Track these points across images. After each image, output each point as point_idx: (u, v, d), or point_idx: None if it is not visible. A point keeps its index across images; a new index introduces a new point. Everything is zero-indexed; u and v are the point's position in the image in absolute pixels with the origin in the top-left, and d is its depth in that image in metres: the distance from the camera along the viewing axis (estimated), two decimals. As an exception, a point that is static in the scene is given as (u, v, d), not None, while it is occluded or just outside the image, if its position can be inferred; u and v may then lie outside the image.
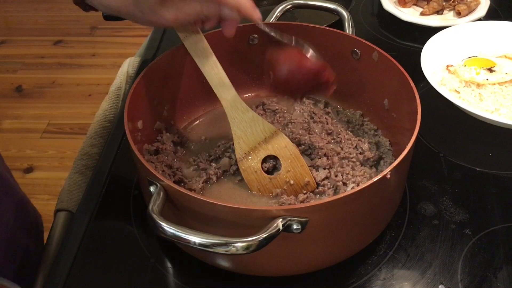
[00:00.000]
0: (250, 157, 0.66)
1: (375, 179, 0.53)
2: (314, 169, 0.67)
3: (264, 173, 0.66)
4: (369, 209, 0.57)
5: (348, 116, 0.77)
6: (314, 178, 0.66)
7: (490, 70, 0.84)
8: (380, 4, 1.05)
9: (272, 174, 0.67)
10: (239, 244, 0.48)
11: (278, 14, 0.84)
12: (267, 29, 0.64)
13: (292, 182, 0.65)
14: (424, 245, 0.64)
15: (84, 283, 0.62)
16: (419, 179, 0.72)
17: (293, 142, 0.70)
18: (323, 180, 0.66)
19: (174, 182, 0.65)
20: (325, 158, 0.67)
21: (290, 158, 0.66)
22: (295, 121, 0.75)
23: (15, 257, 0.70)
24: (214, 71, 0.68)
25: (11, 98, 2.20)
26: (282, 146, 0.66)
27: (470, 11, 1.02)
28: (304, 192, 0.65)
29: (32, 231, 0.76)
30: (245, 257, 0.49)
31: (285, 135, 0.71)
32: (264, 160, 0.67)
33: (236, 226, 0.52)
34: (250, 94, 0.82)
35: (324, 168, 0.66)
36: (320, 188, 0.65)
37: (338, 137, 0.72)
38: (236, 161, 0.67)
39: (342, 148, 0.70)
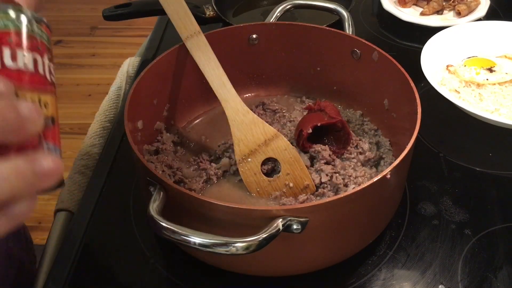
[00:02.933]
0: (249, 159, 0.66)
1: (375, 179, 0.53)
2: (314, 172, 0.67)
3: (263, 175, 0.66)
4: (369, 209, 0.57)
5: (348, 116, 0.77)
6: (314, 181, 0.66)
7: (490, 70, 0.84)
8: (380, 4, 1.05)
9: (270, 176, 0.67)
10: (239, 244, 0.48)
11: (278, 14, 0.84)
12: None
13: (291, 185, 0.65)
14: (424, 245, 0.64)
15: (84, 283, 0.62)
16: (419, 179, 0.72)
17: (292, 141, 0.70)
18: (323, 183, 0.66)
19: (174, 182, 0.65)
20: (328, 166, 0.67)
21: (289, 161, 0.66)
22: (294, 120, 0.76)
23: (11, 270, 0.69)
24: (215, 72, 0.68)
25: (11, 98, 2.20)
26: (282, 149, 0.66)
27: (470, 11, 1.02)
28: (304, 194, 0.65)
29: (23, 242, 0.75)
30: (245, 257, 0.49)
31: (285, 134, 0.71)
32: (263, 162, 0.66)
33: (236, 226, 0.52)
34: (250, 94, 0.82)
35: (327, 175, 0.66)
36: (320, 190, 0.65)
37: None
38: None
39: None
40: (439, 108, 0.80)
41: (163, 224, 0.49)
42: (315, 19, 0.92)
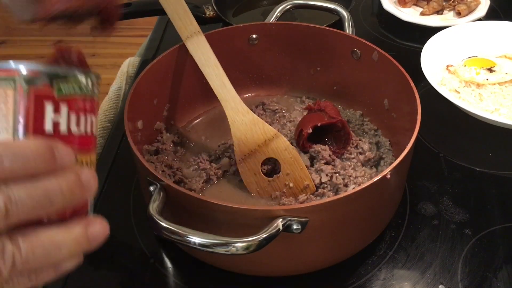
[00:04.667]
0: (249, 159, 0.66)
1: (375, 179, 0.53)
2: (314, 172, 0.67)
3: (263, 175, 0.66)
4: (369, 209, 0.57)
5: (348, 116, 0.77)
6: (314, 181, 0.66)
7: (490, 70, 0.84)
8: (380, 4, 1.05)
9: (270, 176, 0.67)
10: (239, 244, 0.48)
11: (278, 14, 0.84)
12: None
13: (291, 185, 0.65)
14: (424, 245, 0.64)
15: (84, 283, 0.62)
16: (419, 179, 0.72)
17: (292, 141, 0.70)
18: (323, 183, 0.66)
19: (174, 182, 0.65)
20: (328, 166, 0.67)
21: (289, 161, 0.66)
22: (294, 120, 0.76)
23: None
24: (215, 72, 0.68)
25: (11, 98, 2.20)
26: (282, 149, 0.66)
27: (470, 11, 1.02)
28: (304, 194, 0.65)
29: None
30: (245, 257, 0.49)
31: (285, 134, 0.71)
32: (263, 162, 0.66)
33: (236, 226, 0.52)
34: (250, 94, 0.82)
35: (327, 175, 0.66)
36: (320, 190, 0.65)
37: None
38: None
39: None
40: (439, 108, 0.80)
41: (163, 224, 0.49)
42: (315, 19, 0.92)
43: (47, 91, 0.34)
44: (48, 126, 0.34)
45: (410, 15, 1.03)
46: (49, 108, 0.34)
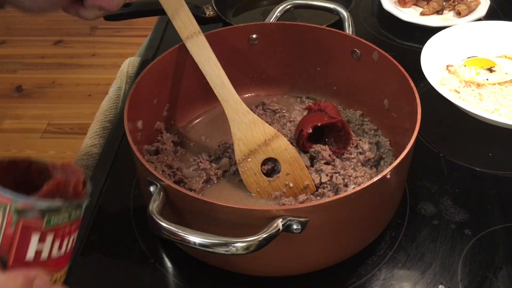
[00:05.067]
0: (249, 159, 0.66)
1: (375, 179, 0.53)
2: (314, 172, 0.67)
3: (263, 175, 0.66)
4: (369, 209, 0.57)
5: (348, 116, 0.77)
6: (313, 181, 0.66)
7: (490, 70, 0.84)
8: (380, 4, 1.05)
9: (270, 176, 0.67)
10: (239, 244, 0.48)
11: (278, 14, 0.84)
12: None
13: (291, 185, 0.65)
14: (424, 245, 0.64)
15: (84, 283, 0.62)
16: (419, 179, 0.72)
17: (292, 141, 0.70)
18: (323, 183, 0.66)
19: (174, 182, 0.65)
20: (328, 166, 0.67)
21: (289, 161, 0.66)
22: (294, 120, 0.76)
23: None
24: (215, 72, 0.68)
25: (11, 98, 2.20)
26: (282, 149, 0.66)
27: (470, 11, 1.02)
28: (304, 194, 0.65)
29: None
30: (245, 257, 0.49)
31: (285, 134, 0.71)
32: (263, 162, 0.66)
33: (236, 226, 0.52)
34: (250, 94, 0.82)
35: (327, 175, 0.66)
36: (320, 190, 0.65)
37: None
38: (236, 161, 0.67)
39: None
40: (439, 108, 0.80)
41: (163, 224, 0.49)
42: (315, 19, 0.92)
43: (36, 223, 0.34)
44: (30, 255, 0.34)
45: (410, 15, 1.03)
46: (34, 239, 0.34)
